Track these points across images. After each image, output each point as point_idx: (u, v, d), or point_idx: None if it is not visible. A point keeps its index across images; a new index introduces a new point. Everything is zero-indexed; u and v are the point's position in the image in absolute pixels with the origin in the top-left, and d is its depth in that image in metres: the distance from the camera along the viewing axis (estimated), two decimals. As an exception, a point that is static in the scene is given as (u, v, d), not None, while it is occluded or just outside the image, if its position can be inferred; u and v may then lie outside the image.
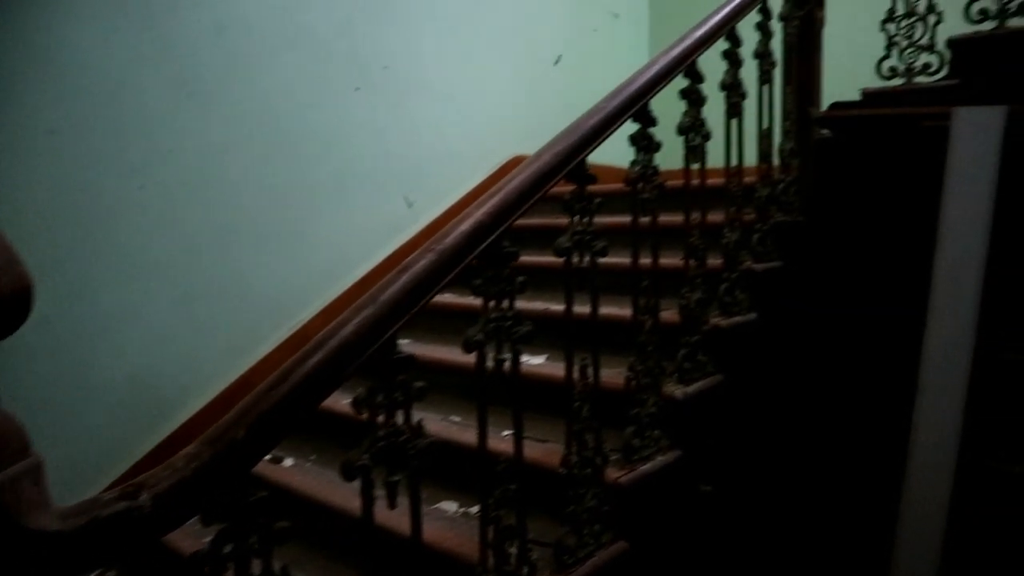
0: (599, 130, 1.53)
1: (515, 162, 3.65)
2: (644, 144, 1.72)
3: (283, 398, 1.01)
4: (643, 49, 4.62)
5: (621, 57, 4.39)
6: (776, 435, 2.37)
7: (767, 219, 2.31)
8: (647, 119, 1.72)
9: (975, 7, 2.33)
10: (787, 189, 2.41)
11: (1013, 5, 2.26)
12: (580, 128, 1.50)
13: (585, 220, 1.51)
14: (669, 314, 1.95)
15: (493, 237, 1.29)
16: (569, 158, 1.46)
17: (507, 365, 1.39)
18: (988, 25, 2.31)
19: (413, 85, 3.29)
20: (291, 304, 2.88)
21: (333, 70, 2.98)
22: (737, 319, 2.13)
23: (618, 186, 1.75)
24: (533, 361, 2.23)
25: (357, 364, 1.13)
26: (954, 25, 2.39)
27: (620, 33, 4.53)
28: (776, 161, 2.40)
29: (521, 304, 1.37)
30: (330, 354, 1.07)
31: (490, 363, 1.37)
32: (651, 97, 1.73)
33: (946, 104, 2.00)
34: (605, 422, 1.66)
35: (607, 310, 2.10)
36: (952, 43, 2.38)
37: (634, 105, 1.67)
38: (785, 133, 2.43)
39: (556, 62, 4.03)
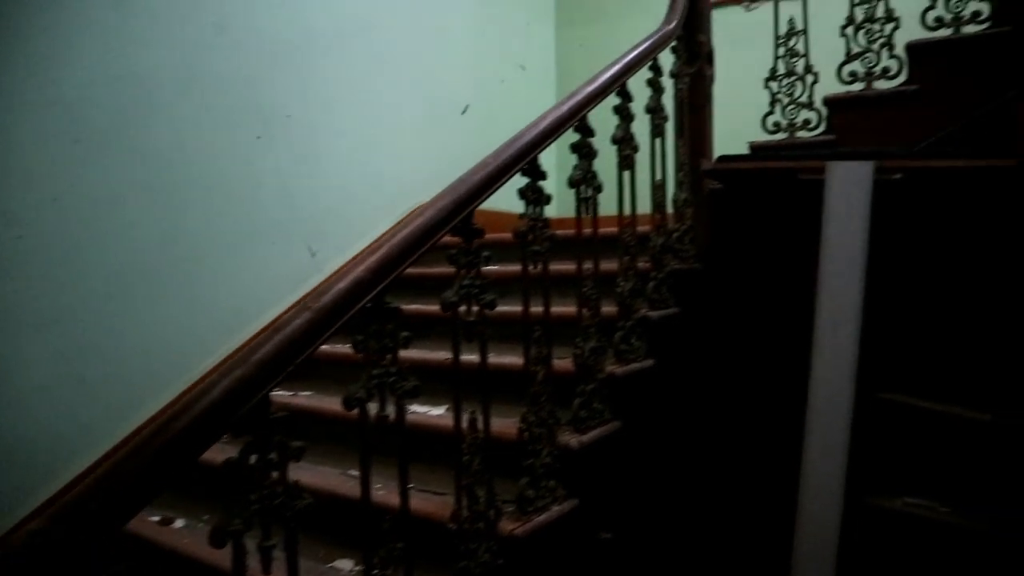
0: (485, 185, 1.56)
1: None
2: (533, 197, 1.75)
3: (141, 467, 0.97)
4: (550, 100, 4.73)
5: (528, 108, 4.47)
6: (675, 477, 2.41)
7: (662, 267, 2.38)
8: (536, 173, 1.76)
9: (846, 70, 2.50)
10: (682, 237, 2.49)
11: (877, 69, 2.43)
12: (466, 183, 1.52)
13: (472, 273, 1.52)
14: (565, 363, 1.97)
15: (374, 293, 1.29)
16: (454, 213, 1.48)
17: (394, 418, 1.38)
18: (858, 86, 2.48)
19: (318, 133, 3.28)
20: (192, 354, 2.79)
21: (234, 118, 2.95)
22: (633, 366, 2.17)
23: (509, 236, 1.78)
24: (433, 412, 2.22)
25: (228, 424, 1.10)
26: (829, 85, 2.56)
27: (528, 84, 4.64)
28: (671, 211, 2.49)
29: (419, 354, 1.37)
30: (196, 417, 1.04)
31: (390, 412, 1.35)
32: (540, 151, 1.77)
33: (823, 158, 2.11)
34: (500, 472, 1.65)
35: (503, 359, 2.12)
36: (827, 101, 2.54)
37: (523, 159, 1.70)
38: (679, 184, 2.52)
39: (463, 112, 4.09)
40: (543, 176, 1.77)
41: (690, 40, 2.60)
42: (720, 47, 2.88)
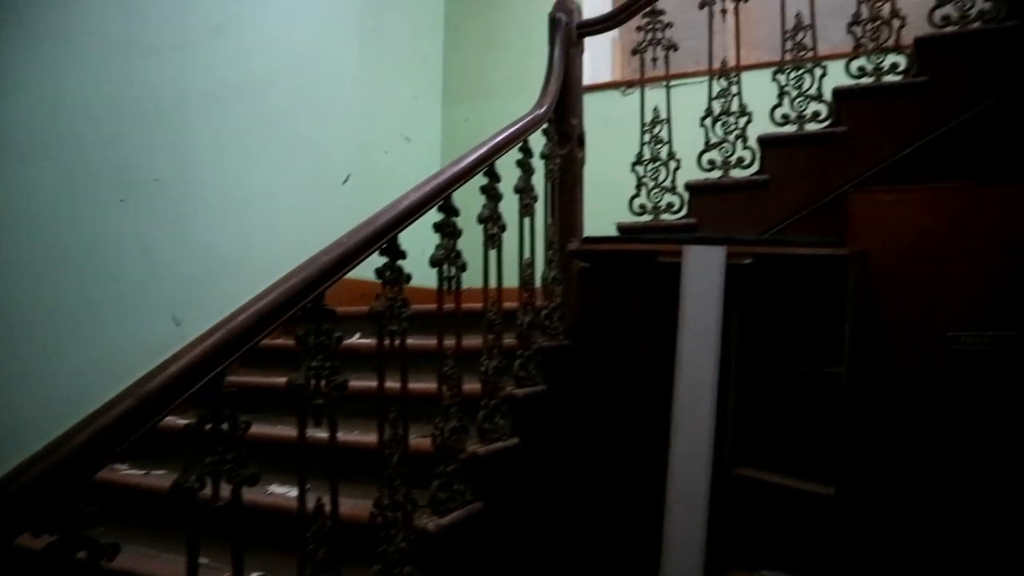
0: (338, 265, 1.54)
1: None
2: (391, 277, 1.74)
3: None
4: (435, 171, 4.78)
5: (413, 179, 4.49)
6: (540, 558, 2.38)
7: (530, 344, 2.39)
8: (395, 252, 1.76)
9: (705, 158, 2.64)
10: (551, 315, 2.53)
11: (733, 158, 2.59)
12: (316, 262, 1.50)
13: (321, 357, 1.48)
14: (424, 442, 1.94)
15: (208, 378, 1.23)
16: (303, 293, 1.45)
17: (229, 502, 1.31)
18: (716, 173, 2.62)
19: (189, 197, 3.18)
20: (30, 434, 2.57)
21: (96, 180, 2.82)
22: (497, 445, 2.15)
23: (364, 309, 1.75)
24: (291, 493, 2.12)
25: (34, 521, 1.01)
26: (691, 171, 2.70)
27: (412, 156, 4.67)
28: (541, 288, 2.52)
29: (277, 431, 1.31)
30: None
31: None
32: (400, 231, 1.77)
33: (680, 242, 2.21)
34: (351, 559, 1.59)
35: (361, 437, 2.07)
36: (689, 187, 2.67)
37: (380, 239, 1.70)
38: (549, 262, 2.56)
39: (344, 181, 4.07)
40: (402, 255, 1.77)
41: (562, 123, 2.70)
42: (597, 129, 3.01)
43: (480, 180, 2.21)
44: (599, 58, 4.82)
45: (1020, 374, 2.14)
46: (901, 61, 2.55)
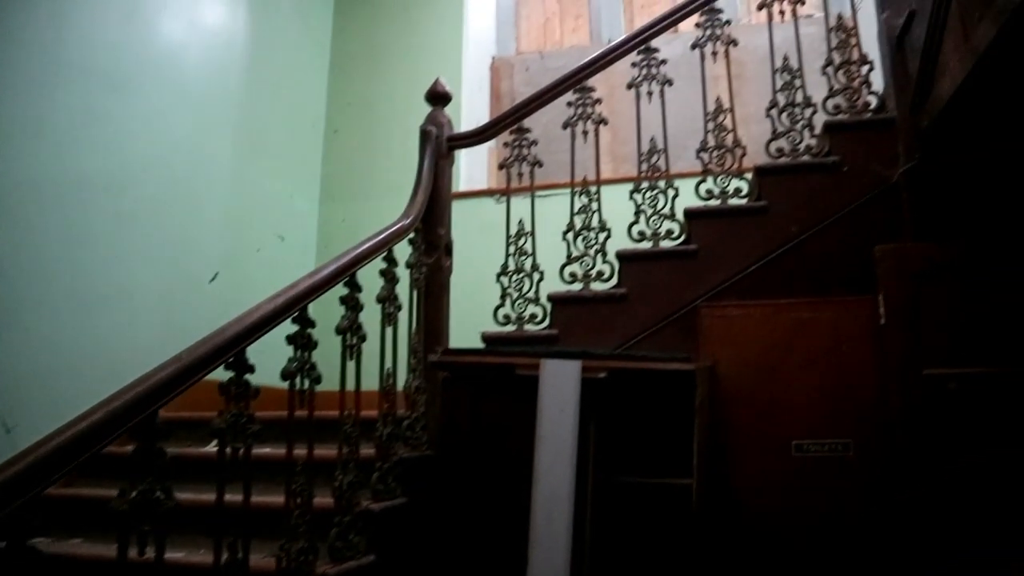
0: (175, 382, 1.47)
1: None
2: (239, 392, 1.68)
3: None
4: (308, 271, 4.72)
5: (285, 278, 4.42)
6: None
7: (390, 456, 2.34)
8: (243, 367, 1.70)
9: (567, 270, 2.74)
10: (413, 425, 2.50)
11: (593, 272, 2.69)
12: (149, 379, 1.43)
13: (148, 480, 1.40)
14: (267, 562, 1.84)
15: (8, 510, 1.13)
16: (132, 412, 1.37)
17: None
18: (577, 286, 2.72)
19: (32, 292, 2.99)
20: None
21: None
22: (350, 565, 2.06)
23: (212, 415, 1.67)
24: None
25: None
26: (554, 283, 2.78)
27: (286, 255, 4.61)
28: (403, 398, 2.49)
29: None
30: None
31: None
32: (248, 344, 1.72)
33: (538, 356, 2.25)
34: None
35: (194, 559, 1.94)
36: (551, 298, 2.75)
37: (226, 353, 1.64)
38: (412, 371, 2.55)
39: (212, 279, 3.95)
40: (250, 370, 1.71)
41: (429, 232, 2.74)
42: (472, 234, 3.08)
43: (341, 290, 2.20)
44: (476, 164, 4.98)
45: (857, 479, 2.27)
46: (744, 186, 2.76)
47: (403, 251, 2.54)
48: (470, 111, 5.09)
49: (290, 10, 5.05)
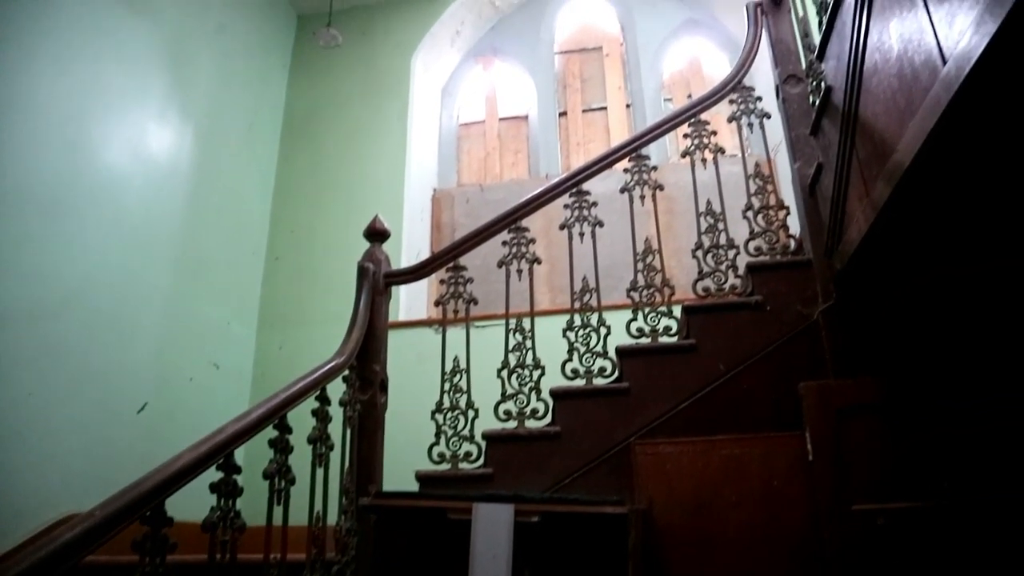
0: (82, 541, 1.40)
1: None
2: (152, 548, 1.61)
3: None
4: (243, 401, 4.63)
5: (218, 408, 4.34)
6: None
7: (316, 606, 2.24)
8: (161, 519, 1.64)
9: (502, 408, 2.74)
10: (343, 570, 2.40)
11: (527, 409, 2.70)
12: (51, 543, 1.36)
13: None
14: None
15: None
16: (34, 579, 1.30)
17: None
18: (512, 424, 2.72)
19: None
20: None
21: None
22: None
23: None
24: None
25: None
26: (488, 421, 2.78)
27: (221, 383, 4.52)
28: (335, 540, 2.41)
29: None
30: None
31: None
32: (168, 496, 1.66)
33: (470, 499, 2.22)
34: None
35: None
36: (485, 436, 2.74)
37: (142, 507, 1.58)
38: (343, 513, 2.48)
39: (140, 411, 3.83)
40: (168, 523, 1.65)
41: (364, 369, 2.73)
42: (410, 364, 3.07)
43: (270, 432, 2.15)
44: (415, 294, 5.03)
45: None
46: (673, 324, 2.85)
47: (337, 388, 2.52)
48: (411, 241, 5.20)
49: (237, 139, 5.17)
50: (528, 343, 2.84)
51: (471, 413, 2.79)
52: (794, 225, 3.02)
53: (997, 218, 2.02)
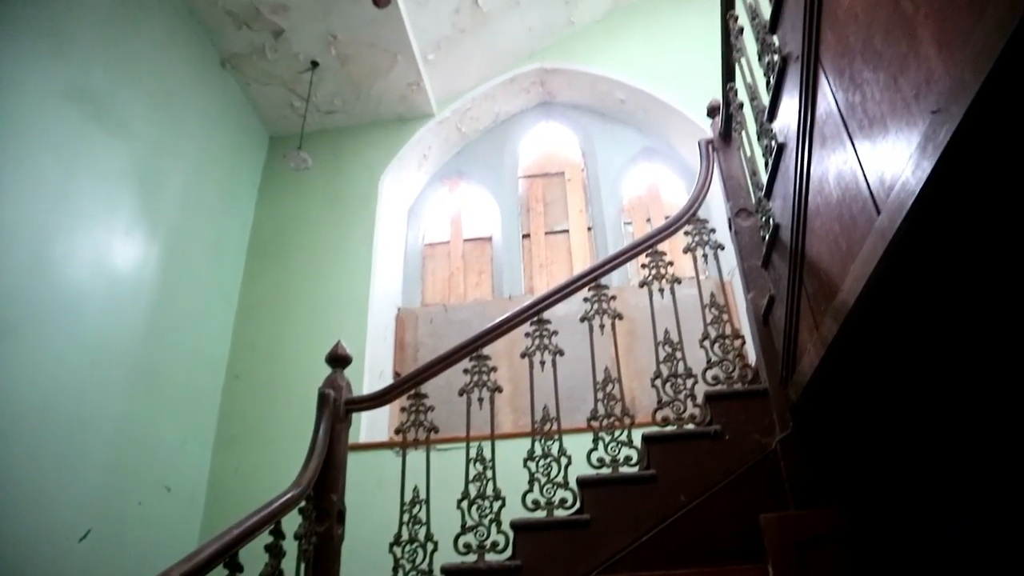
0: None
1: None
2: None
3: None
4: (195, 527, 4.46)
5: (167, 534, 4.17)
6: None
7: None
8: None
9: (461, 541, 2.69)
10: None
11: (488, 542, 2.65)
12: None
13: None
14: None
15: None
16: None
17: None
18: (472, 557, 2.66)
19: None
20: None
21: None
22: None
23: None
24: None
25: None
26: (447, 555, 2.71)
27: (170, 507, 4.36)
28: None
29: None
30: None
31: None
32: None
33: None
34: None
35: None
36: (444, 571, 2.66)
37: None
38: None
39: (82, 539, 3.66)
40: None
41: (321, 499, 2.67)
42: (371, 487, 3.00)
43: (220, 571, 2.08)
44: (377, 416, 4.98)
45: None
46: (634, 454, 2.85)
47: (292, 519, 2.45)
48: (374, 360, 5.19)
49: (203, 257, 5.20)
50: (489, 472, 2.81)
51: (430, 546, 2.72)
52: (751, 353, 3.08)
53: (948, 353, 2.09)
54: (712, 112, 3.51)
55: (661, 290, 3.09)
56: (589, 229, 6.23)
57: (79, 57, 4.15)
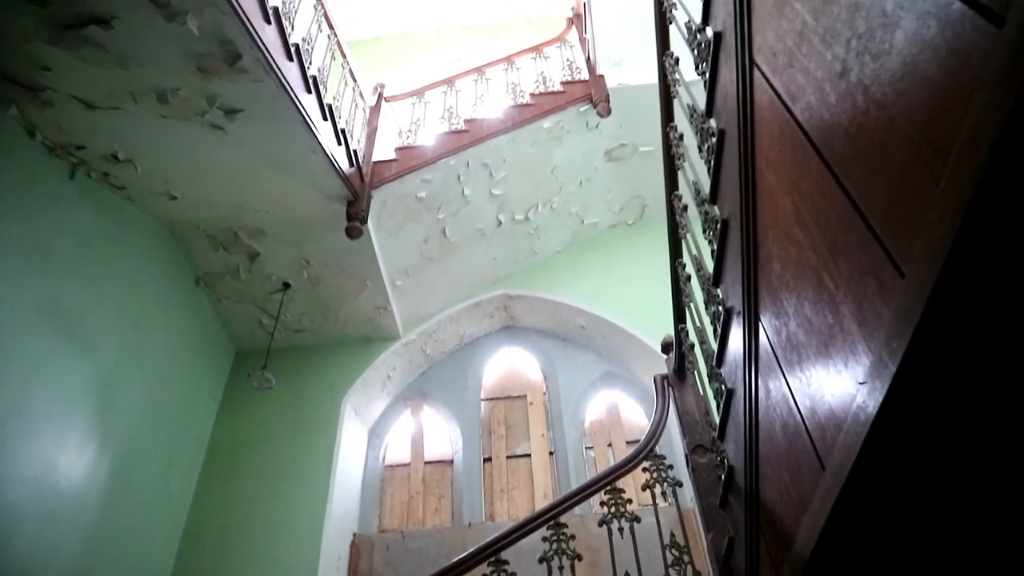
0: None
1: None
2: None
3: None
4: None
5: None
6: None
7: None
8: None
9: None
10: None
11: None
12: None
13: None
14: None
15: None
16: None
17: None
18: None
19: None
20: None
21: None
22: None
23: None
24: None
25: None
26: None
27: None
28: None
29: None
30: None
31: None
32: None
33: None
34: None
35: None
36: None
37: None
38: None
39: None
40: None
41: None
42: None
43: None
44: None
45: None
46: None
47: None
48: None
49: (154, 473, 5.06)
50: None
51: None
52: (716, 594, 2.99)
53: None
54: (666, 348, 3.65)
55: (620, 529, 3.04)
56: (551, 453, 6.19)
57: (58, 272, 4.25)
